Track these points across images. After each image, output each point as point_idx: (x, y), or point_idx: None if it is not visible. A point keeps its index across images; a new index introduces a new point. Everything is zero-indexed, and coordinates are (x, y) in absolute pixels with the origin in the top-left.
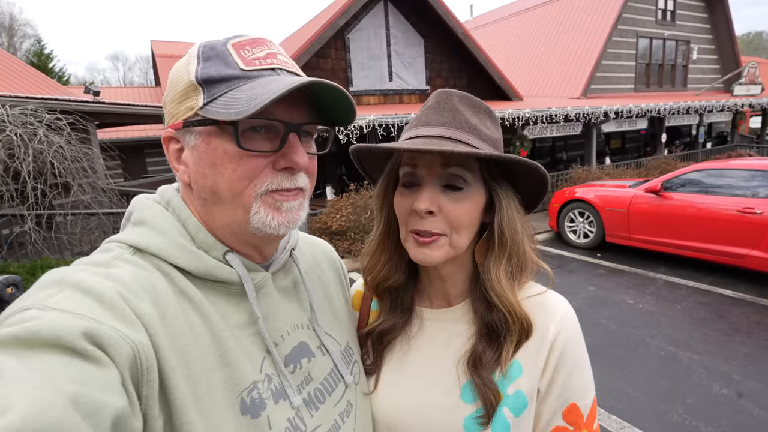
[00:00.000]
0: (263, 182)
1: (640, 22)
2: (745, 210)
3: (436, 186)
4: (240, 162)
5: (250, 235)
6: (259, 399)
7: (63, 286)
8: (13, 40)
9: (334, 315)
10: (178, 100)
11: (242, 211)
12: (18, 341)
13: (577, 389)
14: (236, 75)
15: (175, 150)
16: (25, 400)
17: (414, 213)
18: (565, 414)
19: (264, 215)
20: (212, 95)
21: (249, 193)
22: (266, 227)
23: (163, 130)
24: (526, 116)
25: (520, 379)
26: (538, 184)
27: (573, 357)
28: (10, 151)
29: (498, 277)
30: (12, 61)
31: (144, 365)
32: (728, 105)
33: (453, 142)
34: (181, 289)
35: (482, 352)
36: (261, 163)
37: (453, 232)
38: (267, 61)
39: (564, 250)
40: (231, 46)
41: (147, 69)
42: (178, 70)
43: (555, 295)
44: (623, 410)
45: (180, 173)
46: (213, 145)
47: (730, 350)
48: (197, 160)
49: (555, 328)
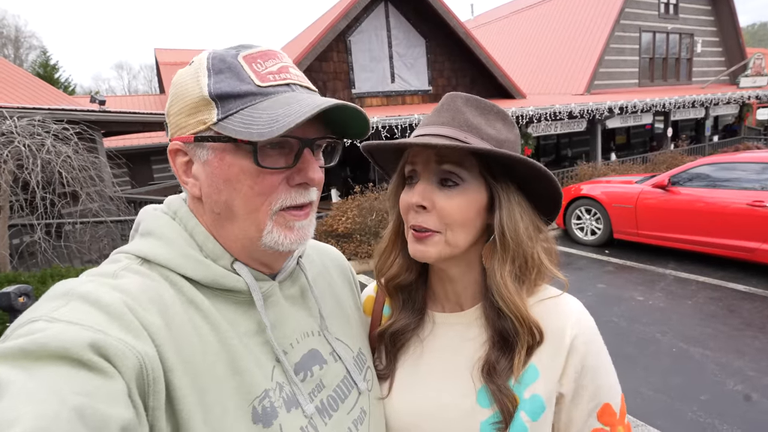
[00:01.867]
0: (278, 199)
1: (643, 16)
2: (755, 203)
3: (431, 182)
4: (257, 179)
5: (261, 251)
6: (270, 407)
7: (70, 298)
8: (19, 52)
9: (346, 321)
10: (187, 113)
11: (255, 228)
12: (25, 353)
13: (606, 389)
14: (252, 91)
15: (183, 163)
16: (32, 412)
17: (413, 210)
18: (600, 415)
19: (276, 235)
20: (227, 111)
21: (265, 210)
22: (278, 246)
23: (169, 142)
24: (530, 114)
25: (537, 383)
26: (546, 186)
27: (596, 358)
28: (19, 162)
29: (503, 280)
30: (19, 73)
31: (150, 376)
32: (734, 97)
33: (448, 139)
34: (189, 299)
35: (496, 360)
36: (276, 180)
37: (448, 230)
38: (281, 76)
39: (571, 248)
40: (242, 59)
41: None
42: (184, 81)
43: (569, 298)
44: (636, 408)
45: (189, 186)
46: (228, 161)
47: (743, 345)
48: (210, 175)
49: (571, 331)
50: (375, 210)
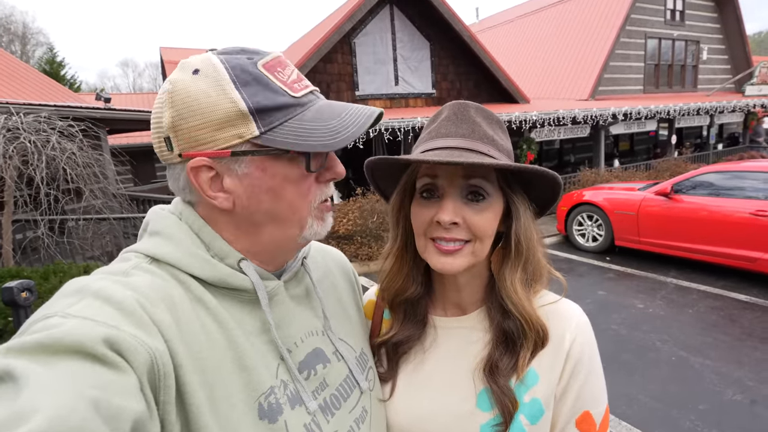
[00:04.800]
0: (315, 197)
1: (649, 22)
2: (758, 212)
3: (458, 197)
4: (300, 184)
5: (281, 249)
6: (276, 404)
7: (84, 295)
8: (26, 48)
9: (348, 321)
10: (214, 128)
11: (299, 227)
12: (42, 348)
13: (590, 397)
14: (290, 103)
15: (209, 178)
16: (50, 404)
17: (436, 224)
18: (579, 422)
19: (316, 227)
20: (269, 124)
21: (307, 209)
22: (316, 236)
23: (191, 160)
24: (534, 119)
25: (537, 386)
26: (551, 190)
27: (588, 365)
28: (24, 158)
29: (514, 285)
30: (26, 69)
31: (161, 371)
32: (740, 105)
33: (475, 153)
34: (196, 297)
35: (499, 359)
36: (312, 180)
37: (477, 241)
38: (302, 84)
39: (573, 254)
40: (263, 68)
41: (156, 75)
42: (202, 93)
43: (569, 303)
44: (634, 416)
45: (220, 201)
46: (271, 171)
47: (743, 355)
48: (250, 186)
49: (570, 335)
50: (376, 212)
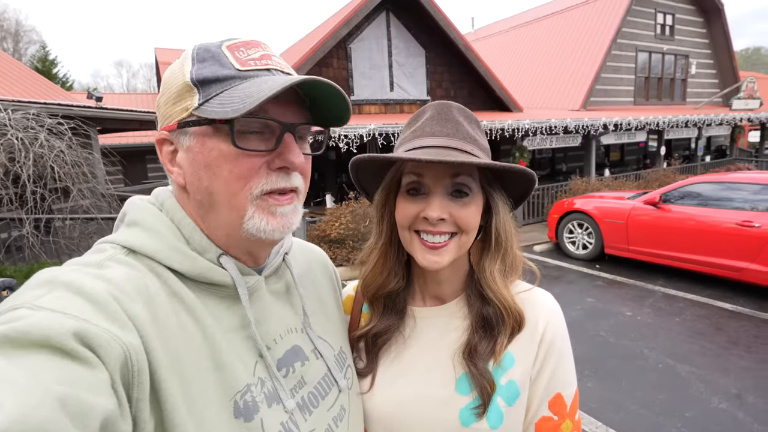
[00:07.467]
0: (258, 182)
1: (640, 36)
2: (744, 223)
3: (444, 194)
4: (236, 162)
5: (244, 239)
6: (252, 402)
7: (54, 286)
8: (18, 46)
9: (328, 319)
10: (173, 102)
11: (237, 214)
12: (7, 340)
13: (562, 379)
14: (231, 75)
15: (169, 152)
16: (13, 400)
17: (422, 219)
18: (551, 404)
19: (258, 220)
20: (207, 95)
21: (244, 195)
22: (260, 233)
23: (157, 132)
24: (526, 127)
25: (513, 369)
26: (527, 185)
27: (559, 348)
28: (10, 155)
29: (493, 275)
30: (16, 66)
31: (135, 367)
32: (727, 119)
33: (461, 153)
34: (174, 291)
35: (478, 342)
36: (256, 163)
37: (463, 234)
38: (262, 62)
39: (563, 261)
40: (226, 48)
41: (150, 76)
42: (172, 72)
43: (542, 291)
44: (620, 423)
45: (174, 175)
46: (208, 145)
47: (729, 364)
48: (192, 161)
49: (543, 321)
50: (369, 216)
